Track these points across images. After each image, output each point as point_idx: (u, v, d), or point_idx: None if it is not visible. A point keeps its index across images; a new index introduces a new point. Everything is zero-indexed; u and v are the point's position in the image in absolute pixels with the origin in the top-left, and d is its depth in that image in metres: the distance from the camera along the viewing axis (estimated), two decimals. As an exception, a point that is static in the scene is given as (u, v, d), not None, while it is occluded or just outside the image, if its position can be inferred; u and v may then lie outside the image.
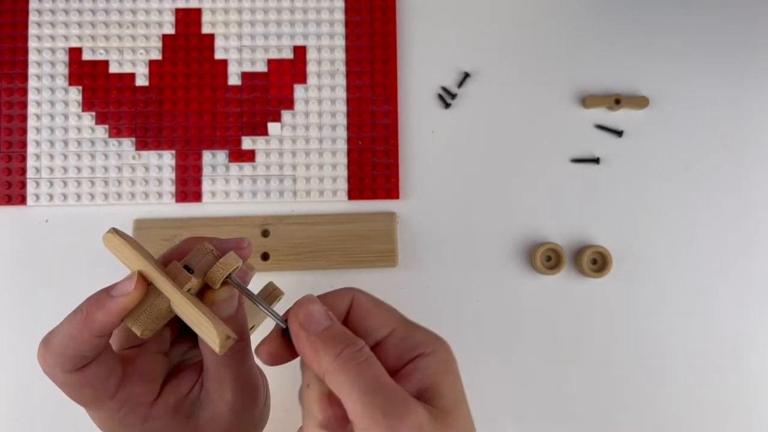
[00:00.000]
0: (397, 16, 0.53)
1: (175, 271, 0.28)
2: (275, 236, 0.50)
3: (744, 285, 0.51)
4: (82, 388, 0.28)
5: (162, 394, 0.30)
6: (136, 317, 0.27)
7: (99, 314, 0.26)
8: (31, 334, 0.49)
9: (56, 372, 0.27)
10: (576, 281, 0.51)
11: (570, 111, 0.53)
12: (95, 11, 0.52)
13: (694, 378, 0.51)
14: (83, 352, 0.27)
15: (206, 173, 0.51)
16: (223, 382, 0.30)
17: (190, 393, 0.31)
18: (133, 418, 0.29)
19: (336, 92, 0.52)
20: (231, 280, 0.29)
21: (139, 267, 0.27)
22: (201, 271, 0.28)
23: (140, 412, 0.29)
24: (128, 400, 0.29)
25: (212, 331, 0.26)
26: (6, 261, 0.50)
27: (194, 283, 0.28)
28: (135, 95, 0.51)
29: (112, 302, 0.26)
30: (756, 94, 0.53)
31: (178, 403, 0.31)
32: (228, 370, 0.30)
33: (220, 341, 0.26)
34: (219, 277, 0.28)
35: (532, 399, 0.50)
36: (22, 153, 0.51)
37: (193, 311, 0.26)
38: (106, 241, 0.28)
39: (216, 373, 0.30)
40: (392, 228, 0.50)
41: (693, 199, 0.52)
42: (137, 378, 0.30)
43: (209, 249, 0.29)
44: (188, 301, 0.27)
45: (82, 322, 0.27)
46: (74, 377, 0.27)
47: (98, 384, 0.28)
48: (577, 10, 0.54)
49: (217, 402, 0.30)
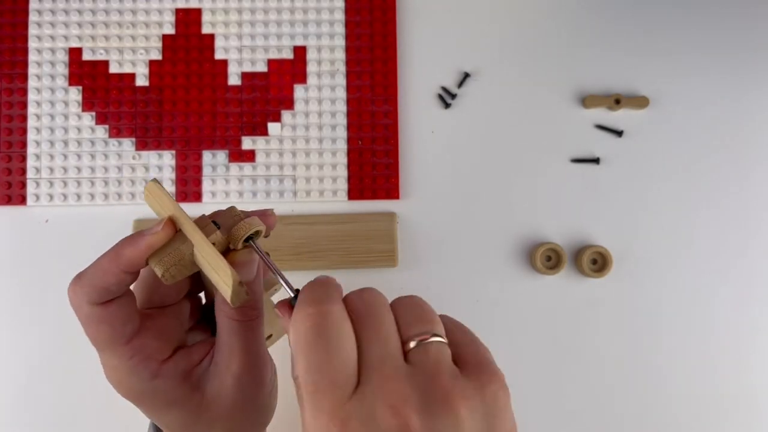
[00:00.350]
0: (397, 16, 0.53)
1: (203, 223, 0.29)
2: (275, 236, 0.50)
3: (744, 284, 0.51)
4: (101, 324, 0.29)
5: (173, 356, 0.32)
6: (160, 258, 0.28)
7: (128, 249, 0.28)
8: (31, 334, 0.50)
9: (82, 303, 0.29)
10: (576, 281, 0.51)
11: (570, 111, 0.53)
12: (95, 11, 0.52)
13: (694, 377, 0.51)
14: (109, 284, 0.29)
15: (206, 173, 0.51)
16: (232, 352, 0.31)
17: (201, 364, 0.32)
18: (143, 370, 0.30)
19: (336, 92, 0.52)
20: (252, 245, 0.30)
21: (171, 212, 0.29)
22: (226, 228, 0.30)
23: (150, 366, 0.31)
24: (141, 350, 0.30)
25: (227, 274, 0.27)
26: (6, 261, 0.50)
27: (219, 238, 0.29)
28: (135, 95, 0.51)
29: (141, 239, 0.28)
30: (756, 94, 0.53)
31: (188, 370, 0.32)
32: (237, 339, 0.31)
33: (233, 283, 0.27)
34: (242, 234, 0.29)
35: (531, 399, 0.50)
36: (22, 153, 0.51)
37: (213, 254, 0.28)
38: (148, 189, 0.30)
39: (227, 342, 0.31)
40: (392, 228, 0.50)
41: (693, 199, 0.52)
42: (153, 332, 0.31)
43: (237, 212, 0.31)
44: (210, 246, 0.28)
45: (113, 256, 0.29)
46: (96, 311, 0.29)
47: (117, 323, 0.29)
48: (577, 10, 0.54)
49: (224, 373, 0.31)
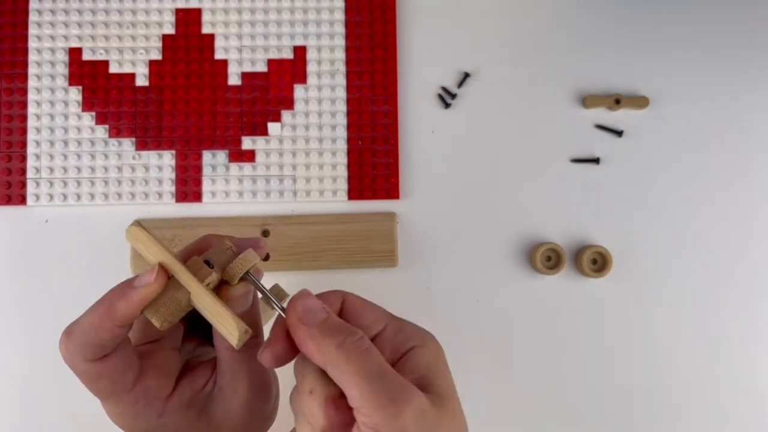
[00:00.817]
0: (397, 16, 0.53)
1: (196, 266, 0.29)
2: (275, 236, 0.50)
3: (744, 284, 0.51)
4: (100, 379, 0.28)
5: (177, 389, 0.31)
6: (156, 309, 0.28)
7: (121, 304, 0.27)
8: (31, 334, 0.50)
9: (77, 361, 0.28)
10: (576, 281, 0.51)
11: (570, 111, 0.53)
12: (95, 11, 0.52)
13: (694, 377, 0.51)
14: (104, 341, 0.28)
15: (206, 173, 0.51)
16: (237, 378, 0.31)
17: (204, 389, 0.32)
18: (149, 411, 0.30)
19: (336, 92, 0.52)
20: (248, 277, 0.30)
21: (160, 259, 0.28)
22: (220, 266, 0.29)
23: (156, 406, 0.30)
24: (145, 393, 0.30)
25: (232, 325, 0.27)
26: (6, 261, 0.50)
27: (214, 278, 0.29)
28: (135, 95, 0.51)
29: (134, 293, 0.27)
30: (756, 93, 0.53)
31: (192, 398, 0.31)
32: (242, 366, 0.31)
33: (239, 335, 0.27)
34: (238, 272, 0.29)
35: (531, 399, 0.50)
36: (22, 153, 0.51)
37: (214, 304, 0.27)
38: (129, 233, 0.29)
39: (230, 369, 0.31)
40: (392, 228, 0.50)
41: (693, 198, 0.52)
42: (154, 372, 0.30)
43: (228, 246, 0.30)
44: (209, 294, 0.27)
45: (105, 312, 0.27)
46: (94, 367, 0.28)
47: (117, 375, 0.29)
48: (577, 10, 0.54)
49: (230, 398, 0.31)
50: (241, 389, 0.31)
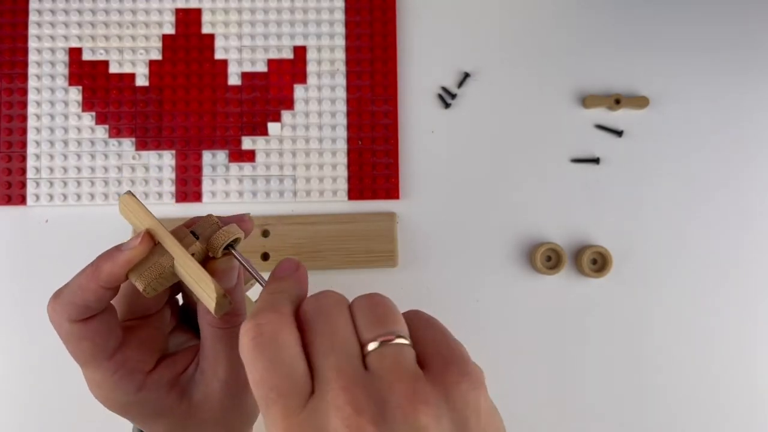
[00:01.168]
0: (397, 16, 0.53)
1: (181, 234, 0.29)
2: (275, 236, 0.50)
3: (744, 284, 0.51)
4: (82, 341, 0.29)
5: (158, 367, 0.31)
6: (140, 272, 0.28)
7: (107, 265, 0.28)
8: (31, 334, 0.50)
9: (62, 320, 0.29)
10: (576, 281, 0.51)
11: (570, 111, 0.53)
12: (95, 11, 0.52)
13: (694, 378, 0.51)
14: (89, 302, 0.28)
15: (206, 173, 0.51)
16: (217, 359, 0.31)
17: (186, 371, 0.32)
18: (128, 383, 0.30)
19: (336, 92, 0.52)
20: (233, 252, 0.30)
21: (148, 225, 0.29)
22: (205, 238, 0.30)
23: (135, 378, 0.30)
24: (124, 363, 0.30)
25: (210, 287, 0.27)
26: (6, 261, 0.50)
27: (198, 248, 0.29)
28: (135, 95, 0.51)
29: (119, 254, 0.28)
30: (756, 93, 0.53)
31: (173, 379, 0.31)
32: (223, 346, 0.31)
33: (217, 297, 0.27)
34: (221, 243, 0.30)
35: (531, 399, 0.50)
36: (22, 153, 0.51)
37: (195, 267, 0.28)
38: (122, 202, 0.30)
39: (212, 349, 0.31)
40: (392, 228, 0.50)
41: (693, 199, 0.52)
42: (136, 345, 0.31)
43: (214, 220, 0.31)
44: (191, 260, 0.28)
45: (91, 272, 0.28)
46: (77, 328, 0.29)
47: (98, 339, 0.29)
48: (577, 10, 0.54)
49: (210, 380, 0.31)
50: (220, 369, 0.31)
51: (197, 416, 0.32)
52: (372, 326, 0.24)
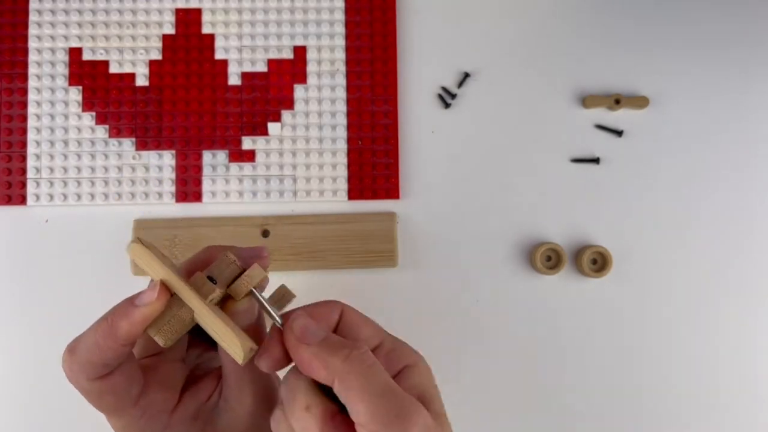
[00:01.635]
0: (397, 16, 0.53)
1: (199, 282, 0.28)
2: (275, 236, 0.50)
3: (744, 284, 0.51)
4: (105, 396, 0.28)
5: (182, 401, 0.31)
6: (159, 327, 0.27)
7: (123, 323, 0.27)
8: (31, 334, 0.50)
9: (81, 379, 0.28)
10: (576, 281, 0.51)
11: (570, 111, 0.53)
12: (95, 11, 0.52)
13: (694, 378, 0.51)
14: (107, 360, 0.27)
15: (206, 173, 0.51)
16: (243, 390, 0.30)
17: (209, 400, 0.31)
18: (155, 425, 0.30)
19: (336, 92, 0.52)
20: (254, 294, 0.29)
21: (162, 276, 0.27)
22: (224, 281, 0.28)
23: (161, 419, 0.30)
24: (149, 407, 0.30)
25: (236, 344, 0.26)
26: (6, 261, 0.50)
27: (217, 294, 0.28)
28: (135, 95, 0.51)
29: (136, 311, 0.27)
30: (756, 93, 0.53)
31: (197, 410, 0.31)
32: (248, 377, 0.30)
33: (244, 354, 0.26)
34: (244, 290, 0.28)
35: (531, 399, 0.50)
36: (22, 153, 0.51)
37: (218, 323, 0.27)
38: (131, 251, 0.28)
39: (236, 381, 0.30)
40: (392, 228, 0.50)
41: (693, 198, 0.52)
42: (158, 386, 0.30)
43: (232, 260, 0.29)
44: (212, 312, 0.27)
45: (107, 331, 0.27)
46: (98, 385, 0.28)
47: (121, 392, 0.29)
48: (577, 9, 0.54)
49: (236, 408, 0.31)
50: (246, 400, 0.31)
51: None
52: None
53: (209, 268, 0.29)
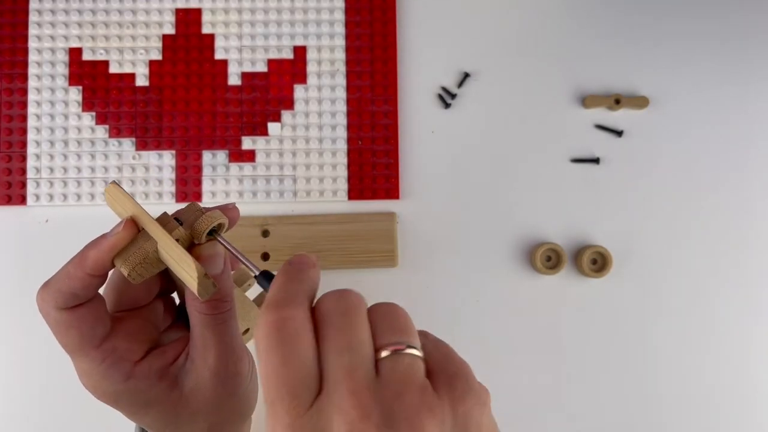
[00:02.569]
0: (397, 16, 0.53)
1: (165, 220, 0.30)
2: (275, 236, 0.50)
3: (744, 284, 0.51)
4: (70, 329, 0.29)
5: (147, 357, 0.31)
6: (125, 258, 0.29)
7: (92, 252, 0.28)
8: (31, 334, 0.50)
9: (49, 308, 0.29)
10: (576, 281, 0.51)
11: (570, 111, 0.53)
12: (95, 11, 0.52)
13: (694, 378, 0.51)
14: (76, 289, 0.29)
15: (206, 173, 0.51)
16: (207, 346, 0.31)
17: (176, 361, 0.32)
18: (115, 372, 0.30)
19: (336, 92, 0.52)
20: (216, 237, 0.31)
21: (132, 212, 0.29)
22: (189, 224, 0.30)
23: (123, 367, 0.30)
24: (112, 352, 0.30)
25: (191, 266, 0.27)
26: (6, 261, 0.50)
27: (181, 233, 0.30)
28: (135, 95, 0.51)
29: (104, 240, 0.29)
30: (756, 93, 0.53)
31: (163, 368, 0.31)
32: (211, 333, 0.31)
33: (198, 276, 0.27)
34: (204, 228, 0.30)
35: (531, 399, 0.50)
36: (22, 153, 0.51)
37: (177, 249, 0.28)
38: (108, 192, 0.30)
39: (201, 337, 0.31)
40: (392, 228, 0.50)
41: (693, 199, 0.52)
42: (124, 334, 0.31)
43: (198, 207, 0.31)
44: (175, 243, 0.28)
45: (78, 260, 0.29)
46: (65, 315, 0.29)
47: (85, 327, 0.29)
48: (577, 10, 0.54)
49: (200, 368, 0.31)
50: (210, 357, 0.31)
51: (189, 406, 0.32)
52: (389, 333, 0.24)
53: (177, 212, 0.31)
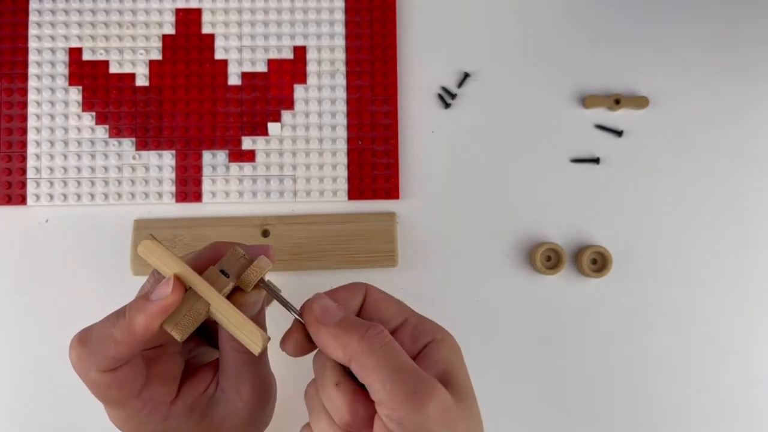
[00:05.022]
0: (397, 16, 0.53)
1: (213, 276, 0.28)
2: (275, 236, 0.50)
3: (744, 284, 0.51)
4: (110, 389, 0.29)
5: (180, 393, 0.31)
6: (176, 322, 0.28)
7: (140, 318, 0.27)
8: (31, 334, 0.50)
9: (90, 371, 0.28)
10: (576, 281, 0.51)
11: (570, 111, 0.53)
12: (95, 11, 0.52)
13: (694, 377, 0.51)
14: (123, 355, 0.28)
15: (206, 173, 0.51)
16: (241, 381, 0.31)
17: (206, 391, 0.32)
18: (154, 416, 0.30)
19: (336, 92, 0.52)
20: (263, 284, 0.30)
21: (177, 270, 0.28)
22: (235, 275, 0.29)
23: (161, 410, 0.30)
24: (151, 399, 0.30)
25: (255, 334, 0.27)
26: (6, 261, 0.50)
27: (230, 287, 0.29)
28: (135, 95, 0.51)
29: (152, 306, 0.27)
30: (756, 93, 0.53)
31: (195, 401, 0.31)
32: (247, 369, 0.31)
33: (262, 343, 0.27)
34: (253, 279, 0.29)
35: (531, 399, 0.50)
36: (22, 153, 0.51)
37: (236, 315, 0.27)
38: (143, 247, 0.28)
39: (235, 373, 0.31)
40: (392, 228, 0.50)
41: (693, 198, 0.52)
42: (159, 378, 0.31)
43: (241, 254, 0.30)
44: (229, 304, 0.28)
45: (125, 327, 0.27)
46: (106, 377, 0.28)
47: (126, 385, 0.29)
48: (577, 10, 0.54)
49: (234, 400, 0.31)
50: (244, 391, 0.31)
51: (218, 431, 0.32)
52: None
53: (220, 262, 0.30)
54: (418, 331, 0.30)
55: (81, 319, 0.32)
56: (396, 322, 0.30)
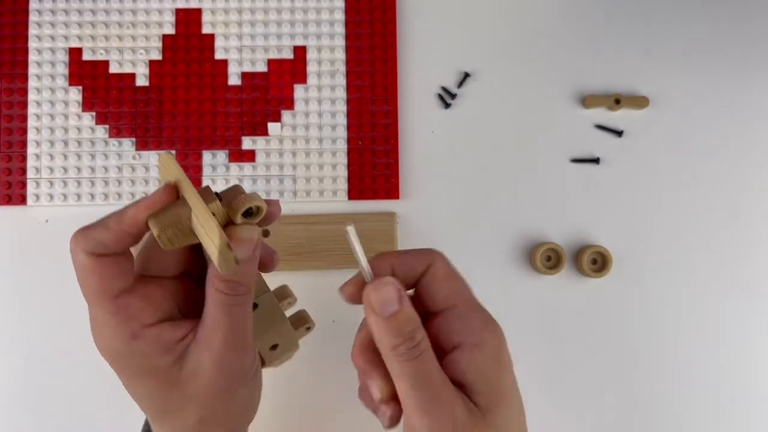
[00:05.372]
0: (397, 16, 0.53)
1: (206, 192, 0.30)
2: (275, 236, 0.50)
3: (744, 284, 0.51)
4: (91, 274, 0.30)
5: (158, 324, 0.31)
6: (159, 220, 0.29)
7: (130, 209, 0.30)
8: (31, 334, 0.50)
9: (79, 251, 0.30)
10: (576, 281, 0.51)
11: (570, 111, 0.53)
12: (95, 11, 0.52)
13: (695, 377, 0.51)
14: (107, 240, 0.30)
15: (206, 173, 0.51)
16: (214, 327, 0.31)
17: (185, 339, 0.32)
18: (125, 329, 0.30)
19: (336, 92, 0.52)
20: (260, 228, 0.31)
21: (177, 177, 0.30)
22: (227, 201, 0.30)
23: (132, 326, 0.31)
24: (125, 308, 0.31)
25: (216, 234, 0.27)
26: (6, 261, 0.50)
27: (218, 207, 0.29)
28: (135, 95, 0.51)
29: (142, 200, 0.30)
30: (756, 93, 0.53)
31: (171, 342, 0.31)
32: (223, 314, 0.31)
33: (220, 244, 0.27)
34: (240, 207, 0.30)
35: (531, 399, 0.50)
36: (22, 153, 0.51)
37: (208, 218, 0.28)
38: (161, 160, 0.31)
39: (211, 315, 0.31)
40: (392, 228, 0.50)
41: (693, 198, 0.52)
42: (141, 295, 0.31)
43: (241, 189, 0.31)
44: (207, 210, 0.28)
45: (116, 215, 0.30)
46: (90, 260, 0.30)
47: (106, 276, 0.30)
48: (577, 10, 0.54)
49: (203, 348, 0.31)
50: (215, 340, 0.31)
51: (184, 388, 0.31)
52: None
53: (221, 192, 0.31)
54: (459, 325, 0.31)
55: (81, 319, 0.32)
56: (442, 305, 0.31)
